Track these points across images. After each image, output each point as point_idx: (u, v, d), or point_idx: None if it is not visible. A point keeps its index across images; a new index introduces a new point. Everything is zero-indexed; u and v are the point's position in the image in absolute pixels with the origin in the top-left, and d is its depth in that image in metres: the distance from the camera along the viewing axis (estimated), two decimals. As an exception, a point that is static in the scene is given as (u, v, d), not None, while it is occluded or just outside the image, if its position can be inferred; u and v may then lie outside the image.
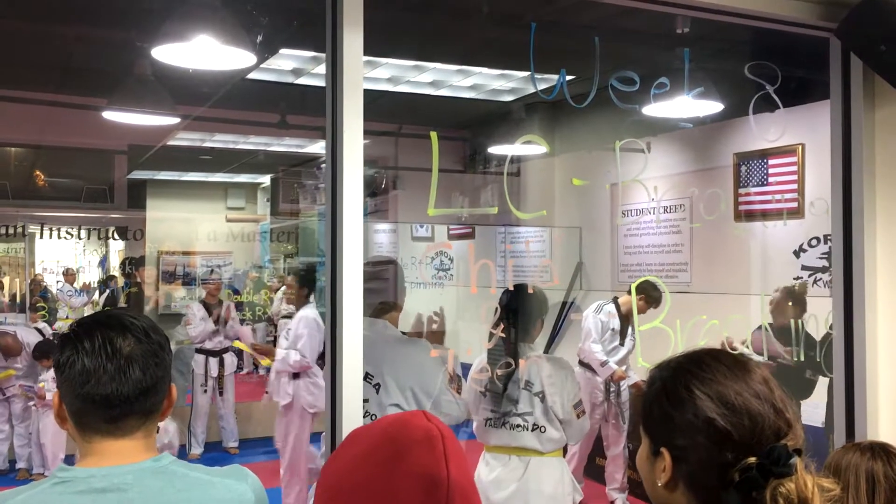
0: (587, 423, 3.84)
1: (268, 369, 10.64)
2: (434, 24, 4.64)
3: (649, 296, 5.83)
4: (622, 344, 6.09)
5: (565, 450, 3.94)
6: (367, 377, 2.93)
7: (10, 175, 9.56)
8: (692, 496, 1.27)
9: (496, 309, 3.59)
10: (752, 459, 1.19)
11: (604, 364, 5.99)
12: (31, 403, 6.95)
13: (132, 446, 1.42)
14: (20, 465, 7.16)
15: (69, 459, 1.54)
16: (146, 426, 1.44)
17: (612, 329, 6.08)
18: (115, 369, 1.38)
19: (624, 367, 6.09)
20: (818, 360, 3.80)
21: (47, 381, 6.61)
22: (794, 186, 5.80)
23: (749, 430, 1.23)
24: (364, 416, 2.92)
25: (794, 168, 5.82)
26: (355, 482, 1.17)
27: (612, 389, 6.09)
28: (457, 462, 1.14)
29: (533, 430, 3.53)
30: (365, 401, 2.91)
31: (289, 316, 10.14)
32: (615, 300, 6.21)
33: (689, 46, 2.96)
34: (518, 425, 3.53)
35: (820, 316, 3.40)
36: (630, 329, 6.10)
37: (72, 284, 11.43)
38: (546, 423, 3.53)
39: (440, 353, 3.00)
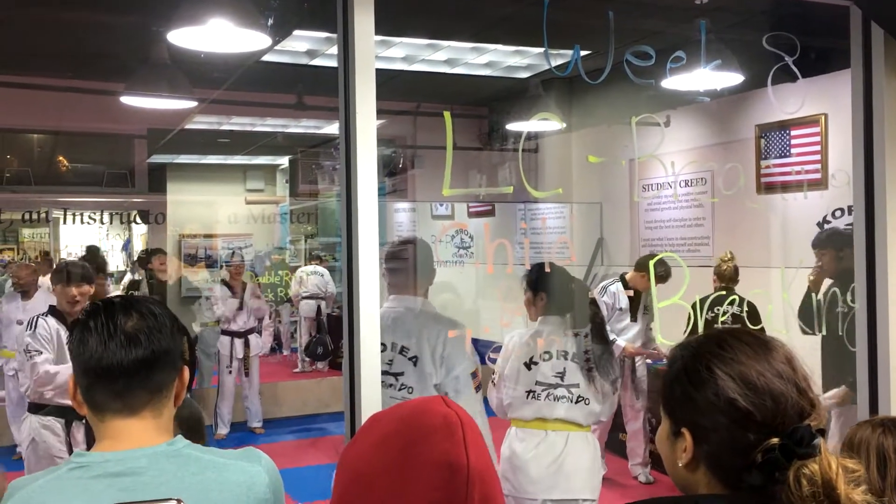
0: (616, 399, 3.87)
1: (293, 349, 10.74)
2: (446, 1, 4.61)
3: (654, 271, 5.87)
4: (634, 320, 6.09)
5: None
6: (402, 350, 2.99)
7: (33, 161, 9.65)
8: (713, 476, 1.26)
9: (524, 287, 3.62)
10: (775, 440, 1.18)
11: (612, 343, 6.00)
12: None
13: (142, 427, 1.43)
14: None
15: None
16: (153, 404, 1.45)
17: (620, 308, 6.07)
18: (116, 344, 1.41)
19: (638, 343, 6.10)
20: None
21: None
22: (818, 157, 5.72)
23: (772, 410, 1.21)
24: (401, 389, 2.97)
25: (818, 139, 5.74)
26: (374, 468, 1.16)
27: (625, 365, 6.10)
28: (476, 448, 1.13)
29: (577, 402, 3.54)
30: (401, 374, 2.95)
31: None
32: (622, 277, 6.18)
33: (705, 18, 2.91)
34: (563, 397, 3.53)
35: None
36: (641, 305, 6.10)
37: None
38: (591, 395, 3.55)
39: (458, 332, 3.02)
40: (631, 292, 6.11)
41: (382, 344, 2.98)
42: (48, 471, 1.41)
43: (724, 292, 5.11)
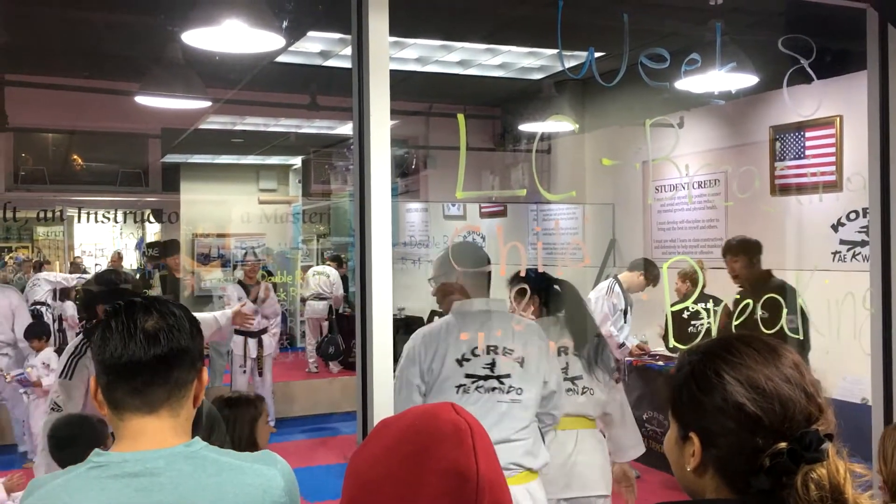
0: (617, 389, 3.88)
1: (302, 348, 10.73)
2: (460, 2, 4.61)
3: (649, 273, 5.92)
4: (626, 321, 6.09)
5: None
6: (505, 352, 2.92)
7: (48, 160, 9.72)
8: (721, 481, 1.26)
9: (512, 294, 3.61)
10: (783, 445, 1.18)
11: (621, 346, 5.99)
12: (23, 391, 6.45)
13: (160, 426, 1.45)
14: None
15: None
16: (171, 403, 1.47)
17: (621, 310, 6.06)
18: (136, 342, 1.44)
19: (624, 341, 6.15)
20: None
21: (36, 366, 6.19)
22: (832, 159, 5.68)
23: (780, 415, 1.21)
24: (509, 392, 2.89)
25: (832, 141, 5.71)
26: (382, 474, 1.16)
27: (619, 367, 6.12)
28: (486, 456, 1.12)
29: (583, 392, 3.55)
30: (507, 376, 2.90)
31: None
32: (616, 277, 6.16)
33: (720, 20, 2.90)
34: (569, 389, 3.52)
35: (858, 293, 3.33)
36: (629, 306, 6.10)
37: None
38: (594, 385, 3.57)
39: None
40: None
41: (476, 349, 2.90)
42: (67, 470, 1.43)
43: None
